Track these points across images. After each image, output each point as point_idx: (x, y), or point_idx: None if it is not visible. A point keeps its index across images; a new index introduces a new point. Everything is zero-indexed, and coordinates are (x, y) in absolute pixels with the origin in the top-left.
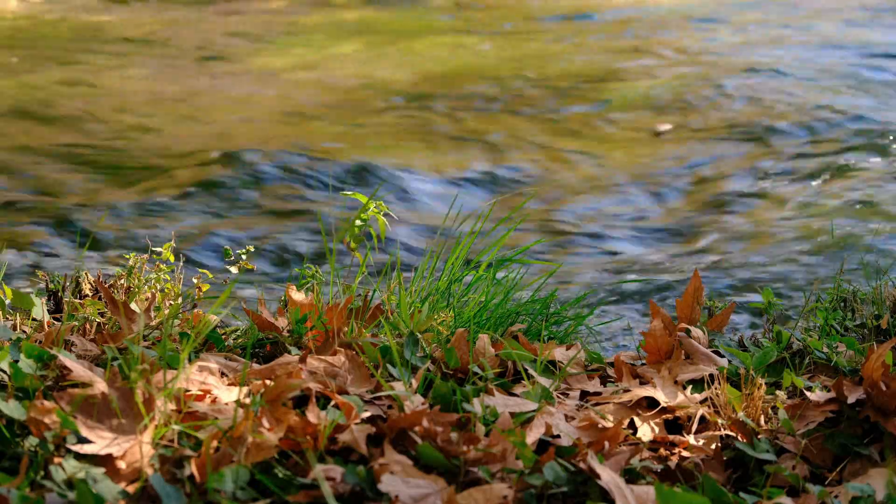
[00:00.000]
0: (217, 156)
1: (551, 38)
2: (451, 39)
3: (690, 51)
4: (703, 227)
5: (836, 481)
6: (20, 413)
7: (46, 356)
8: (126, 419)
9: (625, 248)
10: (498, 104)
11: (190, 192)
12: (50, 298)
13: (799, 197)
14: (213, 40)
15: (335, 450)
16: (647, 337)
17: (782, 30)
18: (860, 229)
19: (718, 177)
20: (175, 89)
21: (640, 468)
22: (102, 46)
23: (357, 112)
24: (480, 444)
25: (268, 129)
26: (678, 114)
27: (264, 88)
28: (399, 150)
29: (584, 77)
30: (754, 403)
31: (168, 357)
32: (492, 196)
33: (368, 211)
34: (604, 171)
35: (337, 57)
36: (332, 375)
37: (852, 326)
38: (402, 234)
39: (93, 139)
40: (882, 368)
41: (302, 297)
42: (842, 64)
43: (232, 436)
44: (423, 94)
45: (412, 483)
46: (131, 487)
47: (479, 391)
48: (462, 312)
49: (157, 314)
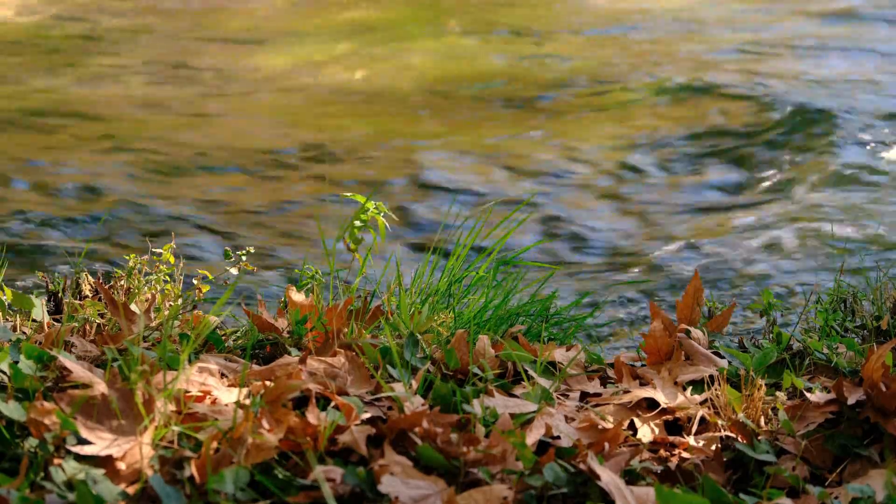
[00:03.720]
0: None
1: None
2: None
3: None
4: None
5: (836, 482)
6: (20, 414)
7: (46, 357)
8: (126, 420)
9: (625, 247)
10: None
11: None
12: (50, 299)
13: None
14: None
15: (335, 451)
16: (647, 338)
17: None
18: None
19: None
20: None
21: (640, 469)
22: (101, 48)
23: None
24: (480, 445)
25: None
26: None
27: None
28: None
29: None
30: (754, 404)
31: (168, 358)
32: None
33: (368, 212)
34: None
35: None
36: (331, 376)
37: (852, 327)
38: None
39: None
40: (882, 369)
41: (302, 298)
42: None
43: (232, 437)
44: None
45: (412, 484)
46: (131, 488)
47: (478, 392)
48: (462, 313)
49: (157, 315)
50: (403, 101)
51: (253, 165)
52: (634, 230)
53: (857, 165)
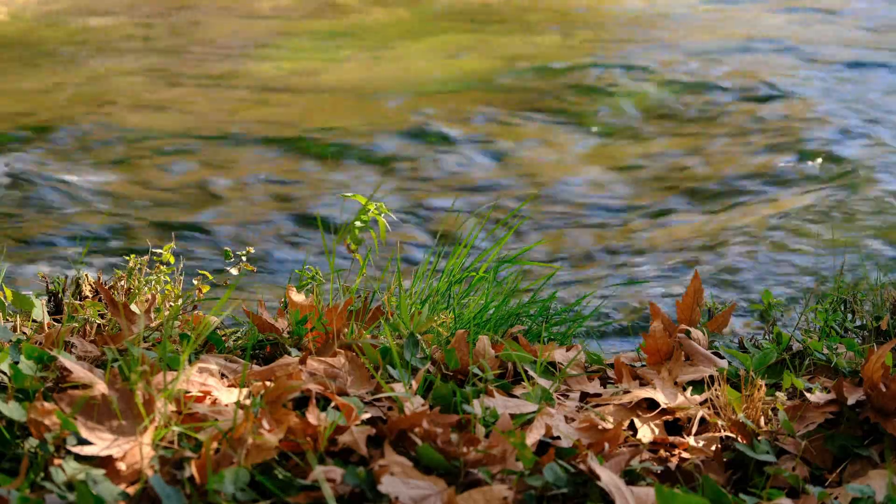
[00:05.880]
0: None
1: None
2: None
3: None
4: (702, 227)
5: (836, 483)
6: (20, 414)
7: (46, 357)
8: (126, 420)
9: (626, 246)
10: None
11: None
12: (50, 300)
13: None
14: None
15: (335, 451)
16: (647, 338)
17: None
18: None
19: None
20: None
21: (640, 469)
22: (99, 49)
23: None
24: (480, 445)
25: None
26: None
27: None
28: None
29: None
30: (754, 405)
31: (168, 358)
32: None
33: (369, 213)
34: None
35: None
36: (332, 377)
37: (852, 328)
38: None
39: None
40: (882, 370)
41: (302, 299)
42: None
43: (232, 437)
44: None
45: (412, 484)
46: (131, 489)
47: (479, 392)
48: (462, 314)
49: (157, 315)
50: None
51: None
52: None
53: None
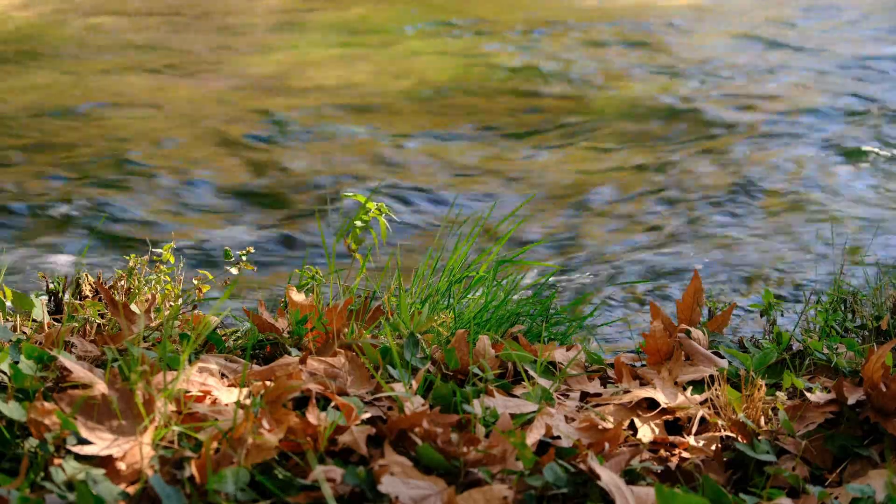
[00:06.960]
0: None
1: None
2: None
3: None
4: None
5: (836, 482)
6: (20, 414)
7: (46, 357)
8: (126, 420)
9: (625, 246)
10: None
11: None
12: (50, 299)
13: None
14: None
15: (335, 451)
16: (648, 338)
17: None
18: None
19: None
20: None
21: (641, 469)
22: (99, 49)
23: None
24: (480, 445)
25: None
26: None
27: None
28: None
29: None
30: (754, 404)
31: (168, 358)
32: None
33: (369, 213)
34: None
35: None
36: (332, 377)
37: (852, 327)
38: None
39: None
40: (882, 370)
41: (302, 299)
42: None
43: (232, 437)
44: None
45: (412, 484)
46: (131, 489)
47: (479, 392)
48: (462, 313)
49: (157, 315)
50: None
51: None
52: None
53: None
